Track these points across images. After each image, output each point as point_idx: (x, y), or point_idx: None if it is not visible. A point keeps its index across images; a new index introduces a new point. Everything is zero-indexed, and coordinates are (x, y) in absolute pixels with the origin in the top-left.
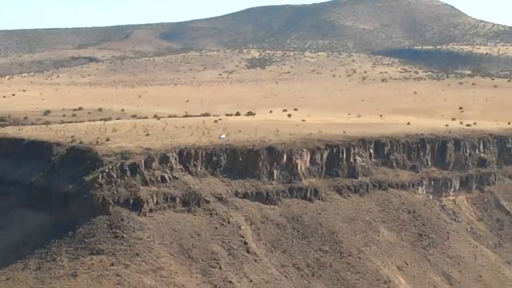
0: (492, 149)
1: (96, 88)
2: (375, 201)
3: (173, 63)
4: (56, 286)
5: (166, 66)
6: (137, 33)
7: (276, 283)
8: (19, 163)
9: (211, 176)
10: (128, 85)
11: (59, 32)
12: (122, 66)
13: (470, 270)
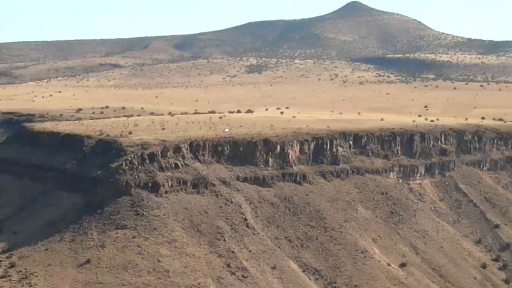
0: (452, 141)
1: (120, 90)
2: (354, 184)
3: (184, 69)
4: (87, 255)
5: (178, 71)
6: (155, 44)
7: (271, 253)
8: (56, 153)
9: (217, 164)
10: (146, 87)
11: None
12: (142, 71)
13: (433, 242)
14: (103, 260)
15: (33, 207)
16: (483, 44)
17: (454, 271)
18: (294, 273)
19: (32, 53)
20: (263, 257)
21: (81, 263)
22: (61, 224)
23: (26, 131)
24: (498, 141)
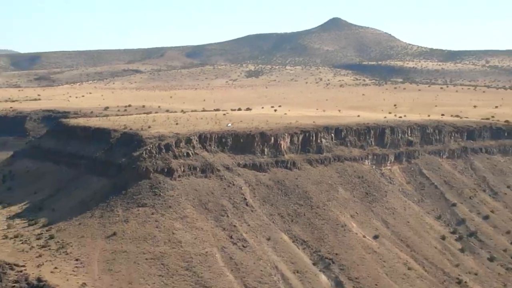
0: (416, 133)
1: (140, 91)
2: (335, 170)
3: (194, 74)
4: (113, 229)
5: (189, 76)
6: (169, 53)
7: (266, 227)
8: (87, 143)
9: (221, 152)
10: (162, 89)
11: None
12: (158, 76)
13: (401, 218)
14: (126, 232)
15: (68, 189)
16: (442, 53)
17: (419, 242)
18: (285, 244)
19: (67, 61)
20: (260, 230)
21: (108, 235)
22: (91, 203)
23: (62, 125)
24: (455, 134)
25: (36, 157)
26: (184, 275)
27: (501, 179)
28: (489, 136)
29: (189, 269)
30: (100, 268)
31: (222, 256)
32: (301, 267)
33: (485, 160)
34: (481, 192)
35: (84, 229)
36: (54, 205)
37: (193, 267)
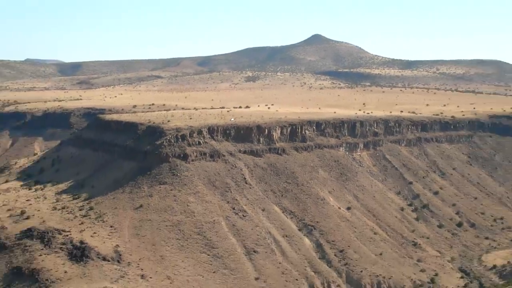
0: (381, 126)
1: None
2: (316, 155)
3: (203, 79)
4: (140, 202)
5: (200, 81)
6: (184, 62)
7: (261, 200)
8: (120, 134)
9: (226, 141)
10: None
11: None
12: (175, 81)
13: (368, 193)
14: (150, 205)
15: (104, 171)
16: (402, 62)
17: (382, 212)
18: (276, 214)
19: (103, 68)
20: (256, 203)
21: (136, 207)
22: (122, 181)
23: (99, 120)
24: (411, 127)
25: (78, 145)
26: (196, 239)
27: (448, 162)
28: (438, 128)
29: (200, 234)
30: (129, 233)
31: (226, 224)
32: (289, 232)
33: (435, 147)
34: (432, 173)
35: (117, 202)
36: (93, 183)
37: (203, 232)
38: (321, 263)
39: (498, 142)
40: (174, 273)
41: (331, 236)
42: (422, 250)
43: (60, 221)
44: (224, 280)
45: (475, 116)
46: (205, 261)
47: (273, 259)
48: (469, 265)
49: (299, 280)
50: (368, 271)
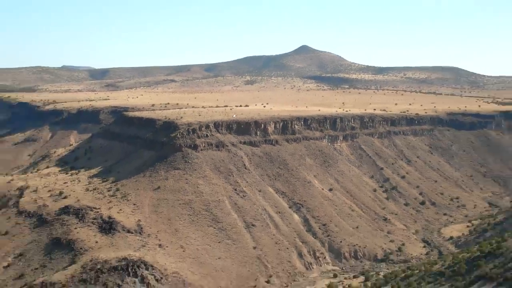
0: (357, 121)
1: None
2: (304, 145)
3: (210, 82)
4: (158, 184)
5: (207, 84)
6: (194, 68)
7: (258, 183)
8: (141, 128)
9: (229, 134)
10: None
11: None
12: (187, 84)
13: (347, 177)
14: (166, 187)
15: (128, 158)
16: (375, 69)
17: (358, 193)
18: (271, 194)
19: (126, 74)
20: (254, 185)
21: (154, 188)
22: (143, 167)
23: (124, 116)
24: (382, 122)
25: (106, 138)
26: (204, 214)
27: (413, 152)
28: (405, 123)
29: (208, 211)
30: (149, 210)
31: (229, 202)
32: (281, 209)
33: (402, 139)
34: (399, 160)
35: (139, 184)
36: (118, 169)
37: (210, 209)
38: (307, 235)
39: (455, 135)
40: (186, 243)
41: (316, 212)
42: (391, 224)
43: (92, 200)
44: (227, 249)
45: (435, 113)
46: (211, 233)
47: (268, 231)
48: (430, 236)
49: (290, 249)
50: (346, 242)
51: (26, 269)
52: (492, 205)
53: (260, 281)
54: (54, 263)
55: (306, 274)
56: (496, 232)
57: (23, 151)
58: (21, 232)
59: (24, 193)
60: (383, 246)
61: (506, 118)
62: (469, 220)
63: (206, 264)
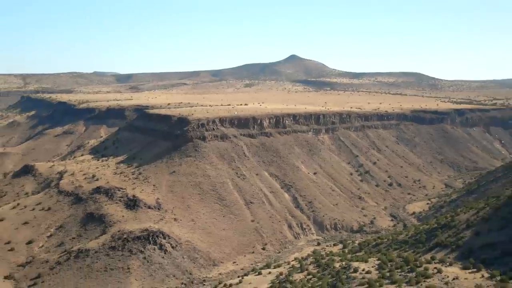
0: (337, 118)
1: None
2: (293, 137)
3: (216, 85)
4: (173, 169)
5: (213, 87)
6: (202, 74)
7: (255, 168)
8: (159, 123)
9: (231, 128)
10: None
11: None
12: (196, 86)
13: (328, 163)
14: (180, 171)
15: (149, 148)
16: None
17: (338, 176)
18: (266, 177)
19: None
20: (252, 169)
21: (170, 172)
22: (161, 155)
23: (145, 113)
24: (357, 118)
25: (131, 131)
26: (211, 193)
27: (382, 142)
28: (376, 119)
29: (214, 190)
30: (166, 190)
31: (232, 184)
32: (274, 189)
33: (374, 132)
34: (371, 149)
35: (157, 169)
36: (141, 156)
37: (216, 189)
38: (296, 210)
39: (417, 128)
40: (196, 217)
41: (302, 192)
42: (365, 202)
43: (119, 182)
44: (231, 222)
45: (401, 110)
46: (217, 209)
47: (264, 207)
48: (397, 212)
49: (281, 222)
50: (328, 216)
51: (65, 238)
52: (447, 186)
53: (257, 248)
54: (88, 233)
55: (294, 242)
56: (450, 208)
57: (62, 142)
58: (61, 208)
59: (63, 176)
60: (358, 219)
61: (459, 115)
62: (428, 198)
63: (213, 234)
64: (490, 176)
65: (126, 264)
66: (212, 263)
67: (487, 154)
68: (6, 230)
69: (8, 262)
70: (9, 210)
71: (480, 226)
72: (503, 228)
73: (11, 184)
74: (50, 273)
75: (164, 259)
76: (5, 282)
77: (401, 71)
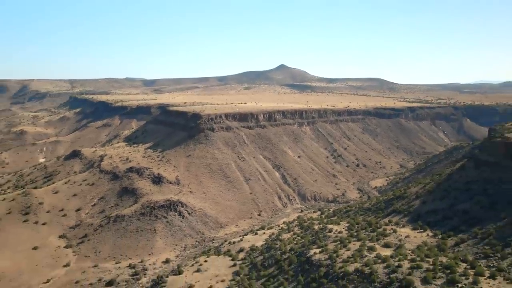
0: (316, 113)
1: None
2: (282, 129)
3: (222, 89)
4: (189, 153)
5: (219, 90)
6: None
7: (253, 152)
8: (178, 117)
9: (234, 121)
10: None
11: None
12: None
13: (309, 148)
14: (194, 155)
15: (170, 137)
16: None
17: (317, 158)
18: (261, 159)
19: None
20: (250, 154)
21: (187, 156)
22: (179, 142)
23: (167, 110)
24: (332, 113)
25: (155, 123)
26: (218, 172)
27: (351, 132)
28: (346, 114)
29: (221, 170)
30: (183, 169)
31: (234, 164)
32: (267, 169)
33: (345, 124)
34: (343, 138)
35: (177, 153)
36: (163, 143)
37: (223, 169)
38: (284, 185)
39: (378, 122)
40: (207, 190)
41: (289, 171)
42: (337, 179)
43: (147, 163)
44: (233, 194)
45: (366, 108)
46: (223, 184)
47: (259, 183)
48: (362, 186)
49: (273, 194)
50: (309, 189)
51: (105, 206)
52: (402, 167)
53: (254, 215)
54: (123, 203)
55: (283, 210)
56: (404, 183)
57: (102, 132)
58: (102, 183)
59: (103, 158)
60: (332, 192)
61: (411, 111)
62: (387, 176)
63: (220, 204)
64: (435, 159)
65: (153, 226)
66: (220, 226)
67: (433, 141)
68: (60, 201)
69: (62, 225)
70: (62, 185)
71: (426, 197)
72: (444, 198)
73: (63, 165)
74: (94, 233)
75: (182, 222)
76: (60, 240)
77: (367, 77)
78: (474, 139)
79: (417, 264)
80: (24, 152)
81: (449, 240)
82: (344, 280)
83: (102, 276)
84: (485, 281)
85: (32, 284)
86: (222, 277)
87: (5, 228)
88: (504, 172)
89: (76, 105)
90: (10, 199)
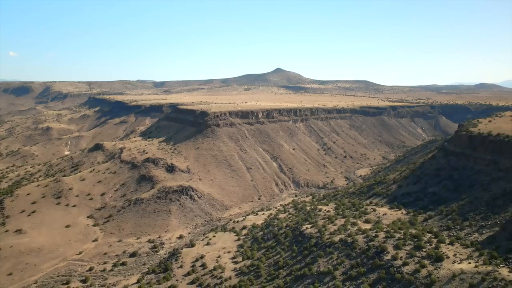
0: (309, 111)
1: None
2: (279, 125)
3: (225, 90)
4: (197, 145)
5: (223, 90)
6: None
7: (253, 145)
8: (187, 114)
9: (237, 118)
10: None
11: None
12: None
13: (302, 142)
14: (202, 147)
15: (181, 132)
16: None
17: (309, 150)
18: (260, 151)
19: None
20: (251, 146)
21: (196, 148)
22: (189, 137)
23: (177, 108)
24: (323, 111)
25: (167, 120)
26: (224, 162)
27: (340, 128)
28: (335, 112)
29: (226, 160)
30: (193, 160)
31: (237, 156)
32: (266, 160)
33: (334, 121)
34: (332, 133)
35: (187, 146)
36: (175, 137)
37: (227, 160)
38: (280, 173)
39: (364, 119)
40: (213, 178)
41: (285, 161)
42: (327, 168)
43: (161, 155)
44: (236, 181)
45: (353, 106)
46: (228, 173)
47: (259, 172)
48: (349, 175)
49: (271, 181)
50: (302, 177)
51: (126, 191)
52: (384, 158)
53: (254, 199)
54: (142, 189)
55: (280, 195)
56: (384, 172)
57: (119, 128)
58: (122, 172)
59: (123, 150)
60: (323, 180)
61: (393, 109)
62: (371, 166)
63: (225, 189)
64: (412, 151)
65: (168, 208)
66: (225, 208)
67: (412, 136)
68: (87, 186)
69: (89, 207)
70: (87, 173)
71: (402, 182)
72: (416, 183)
73: (87, 157)
74: (117, 214)
75: (193, 205)
76: (88, 219)
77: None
78: (448, 134)
79: (391, 235)
80: (51, 146)
81: (419, 217)
82: (331, 248)
83: (126, 249)
84: (445, 246)
85: (67, 256)
86: (228, 249)
87: (41, 209)
88: (467, 160)
89: (94, 104)
90: (44, 185)
